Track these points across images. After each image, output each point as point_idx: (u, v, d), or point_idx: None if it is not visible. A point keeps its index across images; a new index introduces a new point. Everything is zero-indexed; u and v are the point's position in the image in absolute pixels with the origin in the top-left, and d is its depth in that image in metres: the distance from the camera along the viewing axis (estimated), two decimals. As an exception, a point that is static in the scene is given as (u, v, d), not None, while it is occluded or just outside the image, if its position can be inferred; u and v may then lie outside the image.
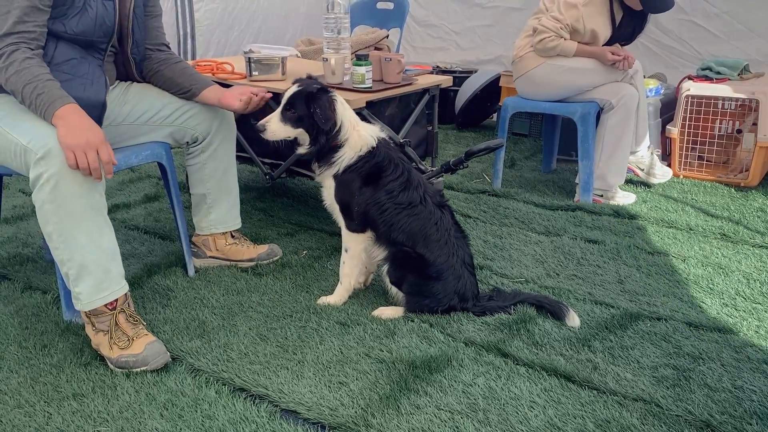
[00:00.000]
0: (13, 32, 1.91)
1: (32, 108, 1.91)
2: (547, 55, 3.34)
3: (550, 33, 3.26)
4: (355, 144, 2.22)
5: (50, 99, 1.88)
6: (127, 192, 3.62)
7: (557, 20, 3.25)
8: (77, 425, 1.72)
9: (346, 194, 2.25)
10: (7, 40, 1.90)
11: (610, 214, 3.25)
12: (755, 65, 4.07)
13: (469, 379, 1.89)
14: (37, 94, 1.88)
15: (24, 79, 1.88)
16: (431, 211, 2.24)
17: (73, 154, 1.83)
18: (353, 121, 2.26)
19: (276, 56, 2.90)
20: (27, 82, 1.88)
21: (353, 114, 2.29)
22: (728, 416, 1.74)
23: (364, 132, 2.25)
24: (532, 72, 3.43)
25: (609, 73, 3.35)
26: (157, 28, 2.43)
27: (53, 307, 2.30)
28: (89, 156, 1.84)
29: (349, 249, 2.32)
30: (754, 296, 2.42)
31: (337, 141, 2.22)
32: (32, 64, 1.91)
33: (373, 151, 2.23)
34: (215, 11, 5.15)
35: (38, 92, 1.88)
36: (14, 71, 1.89)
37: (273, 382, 1.88)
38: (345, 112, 2.24)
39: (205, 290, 2.43)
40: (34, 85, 1.88)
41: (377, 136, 2.27)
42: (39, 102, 1.88)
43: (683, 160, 3.87)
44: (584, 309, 2.31)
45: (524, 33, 3.52)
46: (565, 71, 3.34)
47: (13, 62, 1.89)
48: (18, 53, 1.90)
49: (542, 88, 3.45)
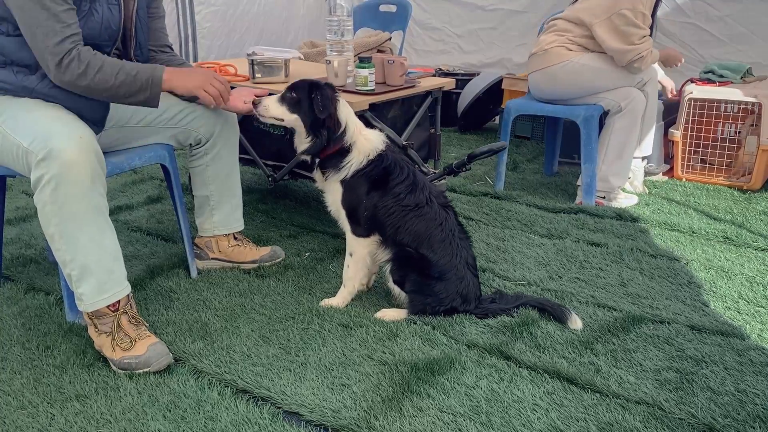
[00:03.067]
0: (67, 36, 1.92)
1: (132, 90, 2.03)
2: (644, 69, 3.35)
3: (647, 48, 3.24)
4: (364, 148, 2.22)
5: (148, 72, 2.04)
6: (130, 194, 3.63)
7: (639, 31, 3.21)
8: (80, 426, 1.72)
9: (354, 199, 2.25)
10: (66, 44, 1.92)
11: (613, 217, 3.24)
12: (757, 68, 4.07)
13: (471, 382, 1.89)
14: (132, 76, 2.01)
15: (110, 71, 1.98)
16: (437, 212, 2.24)
17: (203, 91, 2.16)
18: (359, 126, 2.26)
19: (279, 58, 2.91)
20: (115, 73, 1.98)
21: (358, 120, 2.29)
22: (731, 419, 1.74)
23: (371, 137, 2.26)
24: (554, 68, 3.38)
25: (627, 77, 3.36)
26: (160, 30, 2.44)
27: (56, 308, 2.30)
28: (215, 84, 2.18)
29: (354, 253, 2.32)
30: (757, 299, 2.42)
31: (342, 143, 2.21)
32: (101, 56, 1.99)
33: (382, 155, 2.23)
34: (216, 14, 5.16)
35: (133, 74, 2.01)
36: (95, 69, 1.95)
37: (276, 384, 1.88)
38: (349, 115, 2.24)
39: (207, 292, 2.44)
40: (125, 71, 2.00)
41: (384, 140, 2.28)
42: (138, 80, 2.02)
43: (686, 163, 3.87)
44: (587, 312, 2.30)
45: (549, 29, 3.47)
46: (588, 70, 3.33)
47: (88, 62, 1.94)
48: (85, 53, 1.95)
49: (559, 85, 3.42)
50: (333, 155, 2.23)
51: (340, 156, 2.22)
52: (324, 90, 2.18)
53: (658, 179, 3.88)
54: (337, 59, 2.74)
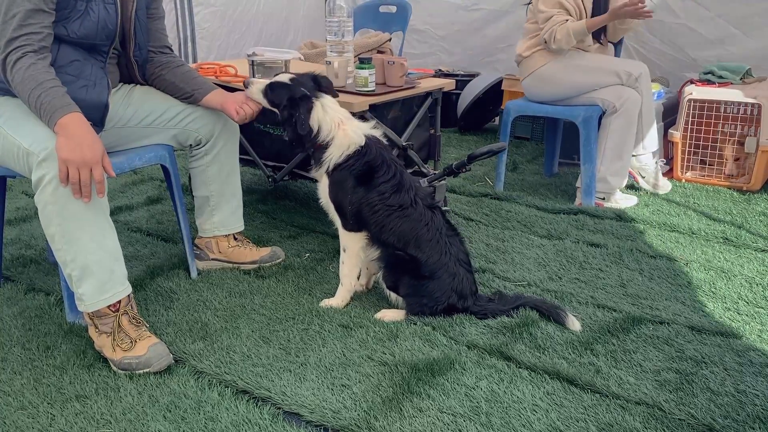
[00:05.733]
0: (16, 37, 1.91)
1: (38, 115, 1.92)
2: (566, 49, 3.35)
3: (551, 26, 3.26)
4: (341, 143, 2.23)
5: (53, 108, 1.87)
6: (130, 194, 3.63)
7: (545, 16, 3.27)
8: (80, 427, 1.72)
9: (339, 193, 2.27)
10: (12, 45, 1.91)
11: (613, 218, 3.24)
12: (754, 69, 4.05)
13: (471, 382, 1.89)
14: (41, 102, 1.88)
15: (29, 86, 1.89)
16: (422, 213, 2.25)
17: (66, 167, 1.82)
18: (338, 121, 2.25)
19: (279, 59, 2.91)
20: (32, 89, 1.89)
21: (340, 113, 2.28)
22: (731, 420, 1.74)
23: (351, 131, 2.25)
24: (539, 71, 3.44)
25: (613, 74, 3.36)
26: (160, 31, 2.44)
27: (56, 308, 2.30)
28: (82, 173, 1.83)
29: (348, 248, 2.33)
30: (756, 300, 2.42)
31: (319, 142, 2.24)
32: (37, 70, 1.91)
33: (362, 149, 2.23)
34: (215, 14, 5.16)
35: (42, 100, 1.88)
36: (20, 79, 1.90)
37: (276, 385, 1.88)
38: (325, 116, 2.24)
39: (207, 292, 2.44)
40: (39, 93, 1.88)
41: (367, 134, 2.27)
42: (43, 110, 1.89)
43: (685, 163, 3.87)
44: (587, 312, 2.31)
45: (525, 35, 3.53)
46: (571, 69, 3.37)
47: (18, 70, 1.90)
48: (24, 60, 1.91)
49: (550, 86, 3.46)
50: (317, 149, 2.27)
51: (322, 150, 2.25)
52: (298, 108, 2.21)
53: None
54: (337, 60, 2.75)
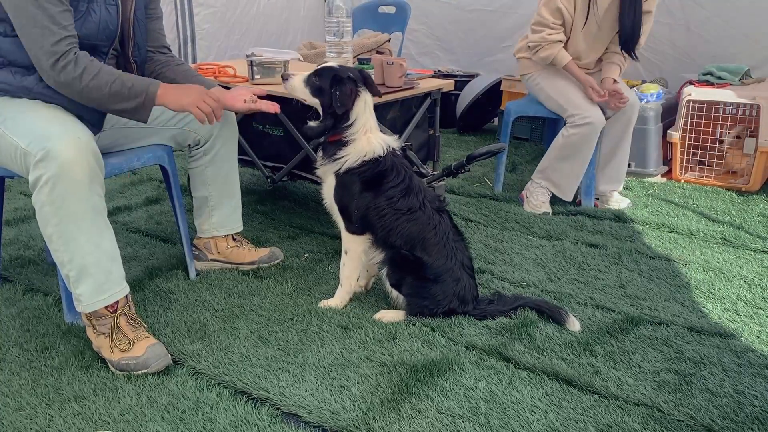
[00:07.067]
0: (63, 38, 1.91)
1: (127, 97, 2.01)
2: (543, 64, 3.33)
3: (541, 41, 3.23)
4: (361, 148, 2.21)
5: (144, 84, 2.05)
6: (128, 195, 3.62)
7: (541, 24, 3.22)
8: (78, 428, 1.72)
9: (346, 196, 2.25)
10: (62, 45, 1.91)
11: (611, 219, 3.25)
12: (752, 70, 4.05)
13: (470, 383, 1.89)
14: (129, 86, 2.01)
15: (106, 79, 1.98)
16: (430, 216, 2.24)
17: (196, 108, 2.11)
18: (368, 126, 2.23)
19: (278, 60, 2.91)
20: (113, 80, 1.98)
21: (372, 120, 2.26)
22: (730, 421, 1.74)
23: (374, 139, 2.23)
24: (526, 77, 3.49)
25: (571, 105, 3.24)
26: (158, 31, 2.44)
27: (54, 309, 2.30)
28: (206, 102, 2.13)
29: (349, 251, 2.32)
30: (755, 301, 2.42)
31: (343, 134, 2.20)
32: (98, 62, 1.99)
33: (378, 160, 2.21)
34: (215, 15, 5.15)
35: (128, 85, 2.01)
36: (91, 75, 1.95)
37: (274, 386, 1.88)
38: (363, 113, 2.21)
39: (206, 293, 2.43)
40: (121, 81, 2.00)
41: (388, 146, 2.24)
42: (133, 92, 2.02)
43: (684, 164, 3.87)
44: (585, 313, 2.31)
45: (522, 37, 3.51)
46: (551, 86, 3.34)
47: (85, 67, 1.94)
48: (83, 57, 1.95)
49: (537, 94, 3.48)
50: (333, 143, 2.23)
51: (338, 147, 2.21)
52: (344, 85, 2.17)
53: (657, 181, 3.88)
54: (336, 60, 2.74)
